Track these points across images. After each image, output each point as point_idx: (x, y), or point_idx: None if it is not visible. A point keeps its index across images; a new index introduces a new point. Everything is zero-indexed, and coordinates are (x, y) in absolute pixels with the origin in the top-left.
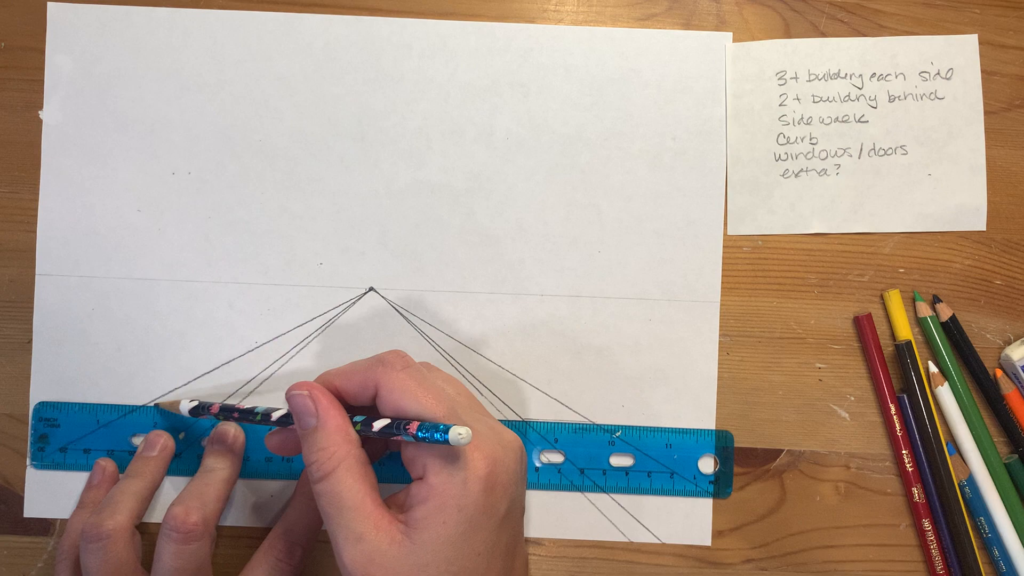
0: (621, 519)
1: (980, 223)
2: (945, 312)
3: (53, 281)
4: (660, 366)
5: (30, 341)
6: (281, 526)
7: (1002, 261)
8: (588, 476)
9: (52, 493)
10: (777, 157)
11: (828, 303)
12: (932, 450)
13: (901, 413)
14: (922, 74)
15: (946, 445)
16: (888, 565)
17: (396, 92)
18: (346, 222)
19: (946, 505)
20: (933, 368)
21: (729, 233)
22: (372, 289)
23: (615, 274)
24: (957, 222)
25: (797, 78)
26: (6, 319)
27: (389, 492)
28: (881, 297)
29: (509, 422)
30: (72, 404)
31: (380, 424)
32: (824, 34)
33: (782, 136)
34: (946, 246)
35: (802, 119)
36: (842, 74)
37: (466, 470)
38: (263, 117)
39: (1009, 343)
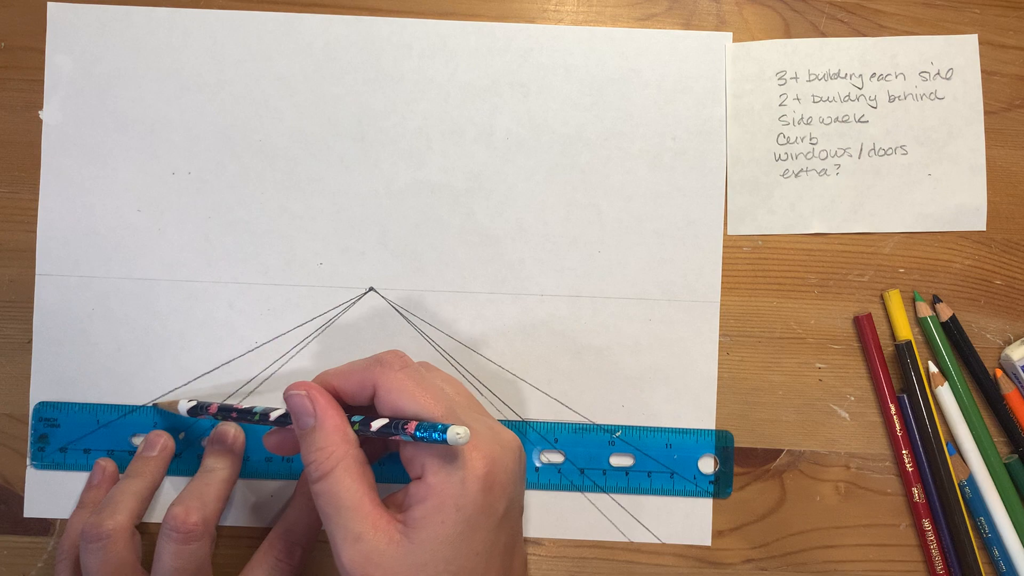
0: (621, 519)
1: (980, 223)
2: (945, 312)
3: (53, 281)
4: (660, 366)
5: (30, 341)
6: (281, 526)
7: (1002, 261)
8: (588, 476)
9: (52, 493)
10: (777, 157)
11: (828, 303)
12: (932, 450)
13: (901, 413)
14: (922, 74)
15: (946, 445)
16: (888, 565)
17: (396, 92)
18: (346, 222)
19: (946, 505)
20: (933, 368)
21: (729, 233)
22: (372, 289)
23: (615, 274)
24: (957, 222)
25: (797, 78)
26: (6, 319)
27: (389, 492)
28: (881, 297)
29: (509, 422)
30: (72, 404)
31: (378, 424)
32: (824, 34)
33: (782, 136)
34: (946, 246)
35: (802, 119)
36: (842, 74)
37: (464, 470)
38: (263, 117)
39: (1009, 343)
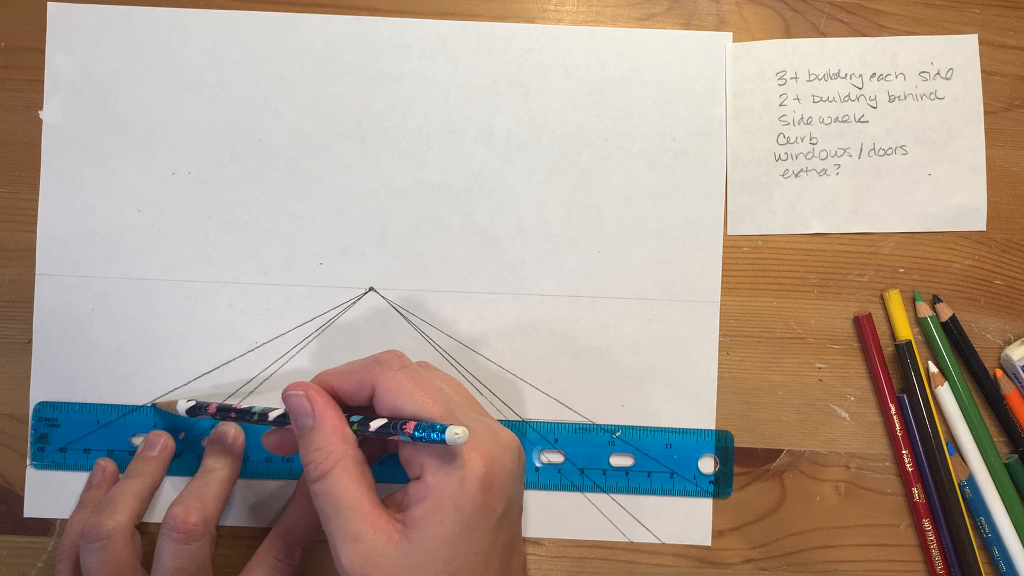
0: (621, 519)
1: (980, 223)
2: (945, 312)
3: (53, 281)
4: (660, 366)
5: (30, 341)
6: (281, 526)
7: (1002, 261)
8: (588, 476)
9: (52, 493)
10: (777, 157)
11: (828, 303)
12: (932, 450)
13: (901, 413)
14: (922, 74)
15: (946, 445)
16: (888, 565)
17: (396, 92)
18: (346, 222)
19: (946, 505)
20: (933, 368)
21: (729, 233)
22: (372, 289)
23: (615, 274)
24: (957, 222)
25: (797, 78)
26: (6, 319)
27: (388, 492)
28: (881, 297)
29: (509, 422)
30: (72, 404)
31: (377, 424)
32: (824, 34)
33: (782, 136)
34: (946, 246)
35: (802, 119)
36: (842, 74)
37: (463, 469)
38: (263, 117)
39: (1009, 343)
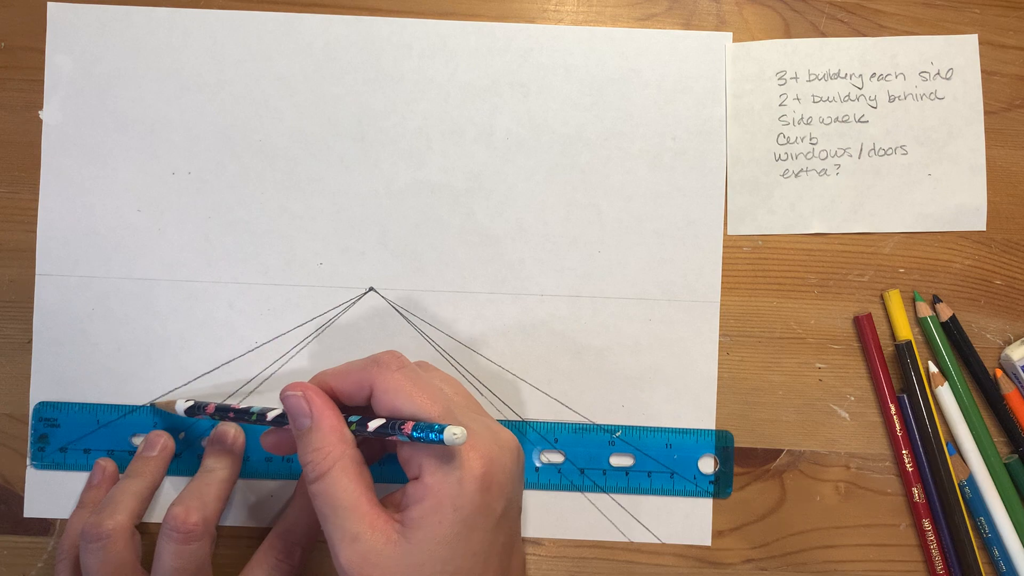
0: (621, 519)
1: (980, 223)
2: (945, 312)
3: (53, 281)
4: (660, 366)
5: (30, 341)
6: (280, 526)
7: (1002, 261)
8: (588, 476)
9: (52, 493)
10: (777, 157)
11: (828, 303)
12: (932, 450)
13: (901, 413)
14: (922, 74)
15: (946, 445)
16: (888, 565)
17: (396, 92)
18: (346, 222)
19: (946, 505)
20: (933, 368)
21: (729, 233)
22: (372, 289)
23: (615, 274)
24: (957, 222)
25: (797, 78)
26: (6, 319)
27: (388, 492)
28: (881, 297)
29: (509, 422)
30: (72, 404)
31: (375, 424)
32: (824, 34)
33: (782, 136)
34: (946, 246)
35: (802, 119)
36: (842, 74)
37: (462, 470)
38: (263, 117)
39: (1009, 343)
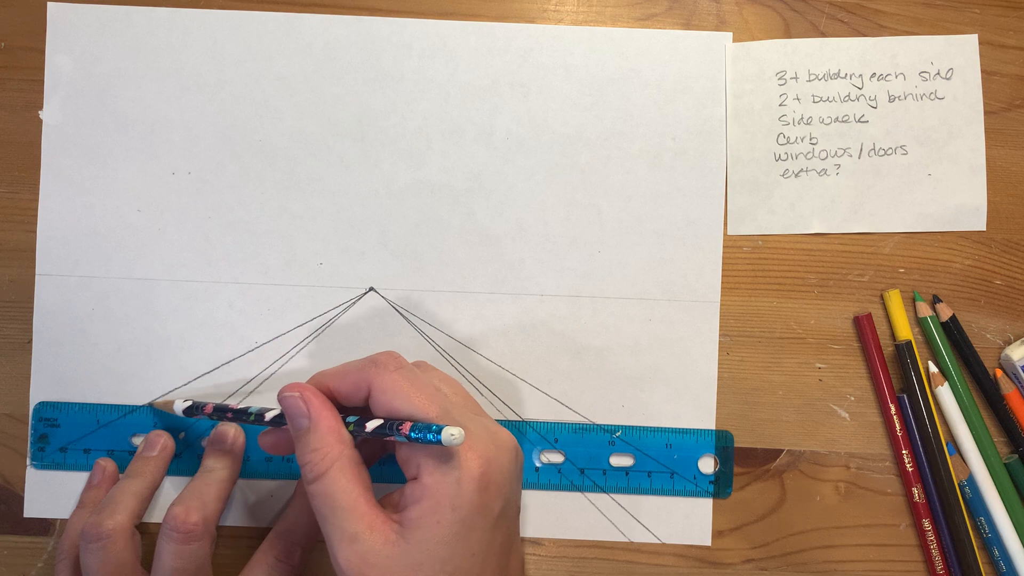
0: (621, 519)
1: (980, 223)
2: (945, 312)
3: (53, 281)
4: (660, 366)
5: (30, 341)
6: (280, 526)
7: (1002, 261)
8: (588, 476)
9: (52, 493)
10: (777, 157)
11: (828, 303)
12: (932, 450)
13: (901, 413)
14: (922, 74)
15: (946, 445)
16: (888, 565)
17: (396, 92)
18: (346, 222)
19: (946, 505)
20: (933, 368)
21: (729, 233)
22: (372, 289)
23: (615, 274)
24: (957, 222)
25: (797, 78)
26: (6, 319)
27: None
28: (881, 297)
29: (509, 422)
30: (72, 404)
31: (373, 424)
32: (824, 34)
33: (782, 136)
34: (946, 246)
35: (802, 119)
36: (842, 74)
37: (460, 470)
38: (263, 117)
39: (1009, 343)
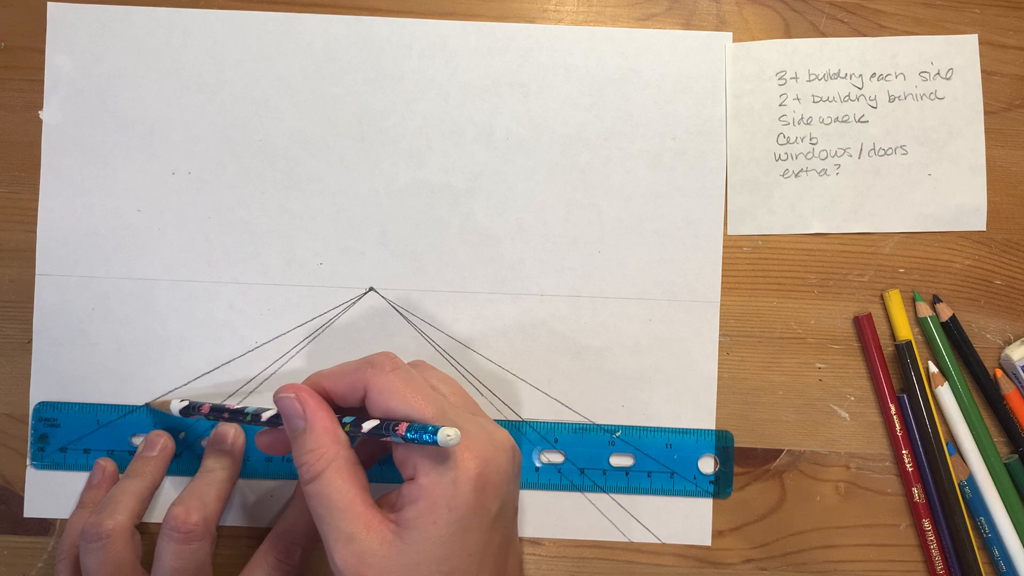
0: (621, 519)
1: (980, 223)
2: (945, 312)
3: (53, 281)
4: (660, 366)
5: (30, 341)
6: (280, 526)
7: (1002, 261)
8: (588, 476)
9: (52, 493)
10: (777, 157)
11: (828, 303)
12: (932, 450)
13: (901, 413)
14: (922, 74)
15: (946, 445)
16: (888, 565)
17: (396, 92)
18: (346, 222)
19: (946, 505)
20: (933, 368)
21: (729, 233)
22: (372, 289)
23: (615, 274)
24: (957, 222)
25: (797, 78)
26: (6, 319)
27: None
28: (881, 297)
29: (509, 422)
30: (72, 404)
31: (369, 425)
32: (824, 34)
33: (782, 136)
34: (946, 246)
35: (802, 119)
36: (842, 74)
37: (456, 470)
38: (263, 117)
39: (1009, 343)
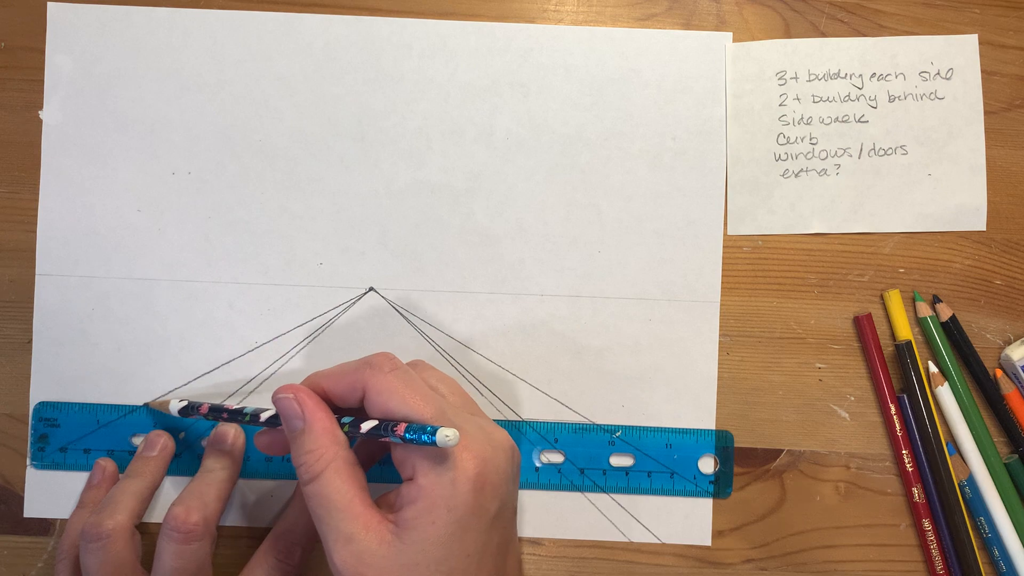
0: (621, 519)
1: (980, 223)
2: (945, 312)
3: (53, 281)
4: (660, 366)
5: (30, 341)
6: (280, 526)
7: (1002, 261)
8: (588, 476)
9: (52, 493)
10: (777, 157)
11: (828, 303)
12: (932, 450)
13: (901, 413)
14: (922, 74)
15: (946, 445)
16: (888, 565)
17: (396, 92)
18: (346, 222)
19: (946, 505)
20: (933, 368)
21: (729, 233)
22: (372, 289)
23: (615, 274)
24: (957, 222)
25: (797, 78)
26: (6, 319)
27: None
28: (881, 297)
29: (509, 422)
30: (72, 404)
31: (368, 426)
32: (824, 34)
33: (782, 136)
34: (946, 246)
35: (802, 119)
36: (842, 74)
37: (455, 471)
38: (263, 117)
39: (1009, 343)
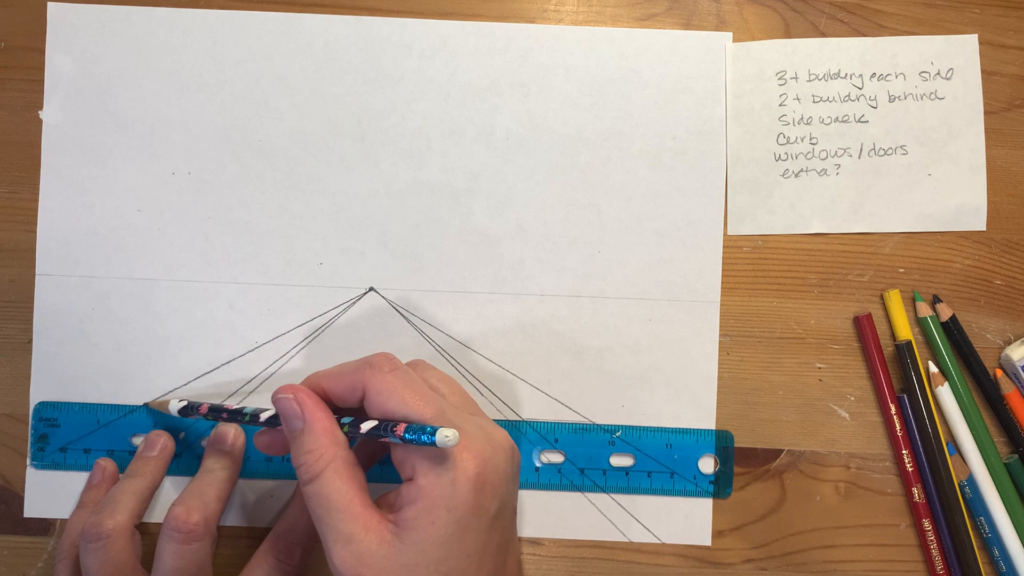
0: (621, 519)
1: (980, 223)
2: (945, 312)
3: (53, 281)
4: (660, 366)
5: (30, 341)
6: (281, 526)
7: (1002, 261)
8: (588, 476)
9: (52, 493)
10: (777, 157)
11: (828, 303)
12: (932, 450)
13: (901, 413)
14: (922, 74)
15: (946, 445)
16: (888, 565)
17: (396, 92)
18: (346, 222)
19: (946, 505)
20: (933, 368)
21: (729, 233)
22: (372, 289)
23: (615, 274)
24: (957, 222)
25: (797, 78)
26: (6, 319)
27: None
28: (881, 297)
29: (509, 422)
30: (72, 404)
31: (368, 426)
32: (824, 34)
33: (782, 136)
34: (946, 246)
35: (802, 119)
36: (842, 74)
37: (455, 471)
38: (263, 117)
39: (1009, 343)
